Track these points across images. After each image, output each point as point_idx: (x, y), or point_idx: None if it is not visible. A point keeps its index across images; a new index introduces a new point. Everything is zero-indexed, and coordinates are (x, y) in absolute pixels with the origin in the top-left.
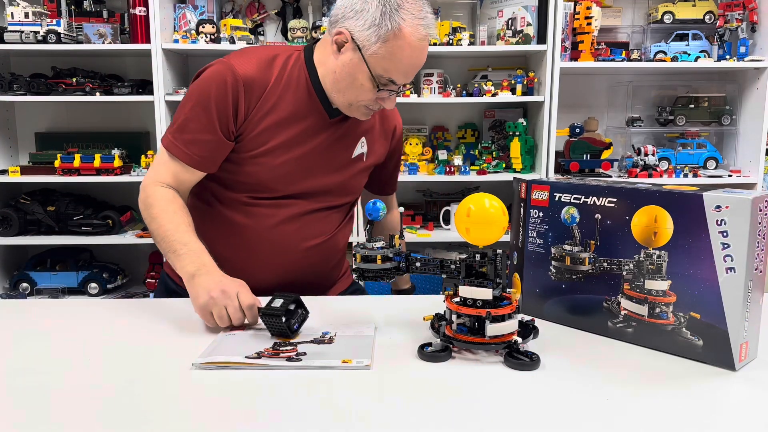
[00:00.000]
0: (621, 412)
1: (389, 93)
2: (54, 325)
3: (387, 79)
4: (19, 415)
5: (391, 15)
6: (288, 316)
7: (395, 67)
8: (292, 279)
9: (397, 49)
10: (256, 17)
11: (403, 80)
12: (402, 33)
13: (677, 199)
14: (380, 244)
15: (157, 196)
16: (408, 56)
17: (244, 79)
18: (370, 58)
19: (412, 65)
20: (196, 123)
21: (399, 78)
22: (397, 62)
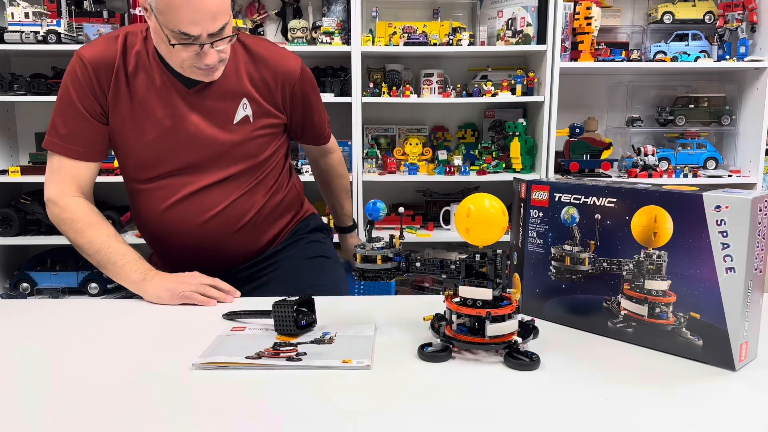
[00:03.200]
0: (621, 412)
1: (193, 46)
2: (54, 325)
3: (180, 33)
4: (19, 415)
5: None
6: (298, 312)
7: (176, 17)
8: (201, 255)
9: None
10: (256, 17)
11: (197, 29)
12: None
13: (677, 199)
14: (380, 244)
15: (75, 210)
16: (183, 4)
17: (91, 61)
18: (159, 18)
19: (190, 11)
20: (64, 117)
21: (189, 27)
22: (174, 12)
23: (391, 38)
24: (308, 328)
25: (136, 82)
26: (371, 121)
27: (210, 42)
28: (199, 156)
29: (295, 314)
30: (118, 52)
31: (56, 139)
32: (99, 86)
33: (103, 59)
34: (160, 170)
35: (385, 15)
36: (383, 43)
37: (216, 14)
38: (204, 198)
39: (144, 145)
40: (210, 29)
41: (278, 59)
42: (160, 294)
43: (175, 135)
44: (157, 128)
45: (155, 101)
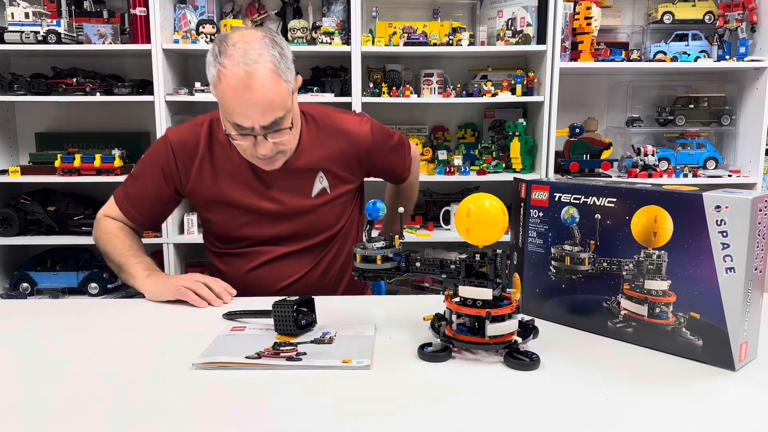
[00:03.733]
0: (621, 412)
1: (248, 137)
2: (54, 325)
3: (233, 123)
4: (19, 415)
5: (213, 63)
6: (298, 311)
7: (228, 110)
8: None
9: (221, 94)
10: (256, 17)
11: (248, 122)
12: (222, 75)
13: (677, 199)
14: (380, 244)
15: (109, 226)
16: (231, 97)
17: (174, 144)
18: (220, 108)
19: (239, 105)
20: (134, 181)
21: (240, 120)
22: (226, 105)
23: (391, 38)
24: (308, 328)
25: (219, 163)
26: None
27: (263, 134)
28: (280, 229)
29: (295, 314)
30: (203, 137)
31: (122, 193)
32: (177, 168)
33: (186, 143)
34: (241, 243)
35: (385, 15)
36: (383, 43)
37: (266, 109)
38: (282, 266)
39: (226, 221)
40: (261, 122)
41: (348, 126)
42: (158, 288)
43: (256, 212)
44: (239, 207)
45: (237, 181)
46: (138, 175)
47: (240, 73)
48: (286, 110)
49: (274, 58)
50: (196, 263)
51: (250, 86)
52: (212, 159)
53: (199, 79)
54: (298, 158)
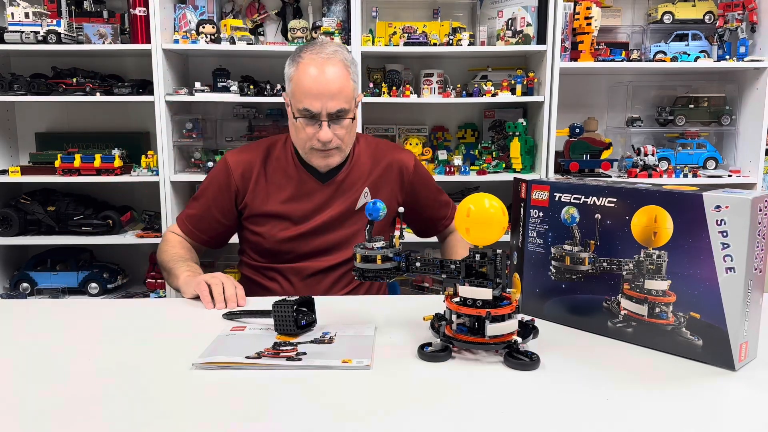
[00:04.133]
0: (621, 412)
1: (314, 122)
2: (54, 325)
3: (302, 108)
4: (19, 415)
5: (294, 58)
6: (298, 311)
7: (301, 93)
8: None
9: (297, 78)
10: (256, 17)
11: (316, 104)
12: (299, 64)
13: (677, 199)
14: (380, 244)
15: (170, 238)
16: (307, 78)
17: (233, 165)
18: (291, 99)
19: (314, 86)
20: (197, 202)
21: (309, 103)
22: (300, 89)
23: (391, 38)
24: (308, 328)
25: (275, 181)
26: (371, 121)
27: (327, 120)
28: (325, 241)
29: (295, 314)
30: (260, 158)
31: (184, 214)
32: (237, 186)
33: (245, 164)
34: (283, 257)
35: (385, 15)
36: (383, 43)
37: (335, 95)
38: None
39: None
40: (329, 108)
41: (396, 153)
42: (188, 283)
43: (308, 224)
44: (289, 217)
45: (292, 195)
46: (199, 195)
47: (317, 60)
48: (350, 106)
49: (347, 59)
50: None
51: (325, 73)
52: (267, 174)
53: (199, 79)
54: (348, 172)
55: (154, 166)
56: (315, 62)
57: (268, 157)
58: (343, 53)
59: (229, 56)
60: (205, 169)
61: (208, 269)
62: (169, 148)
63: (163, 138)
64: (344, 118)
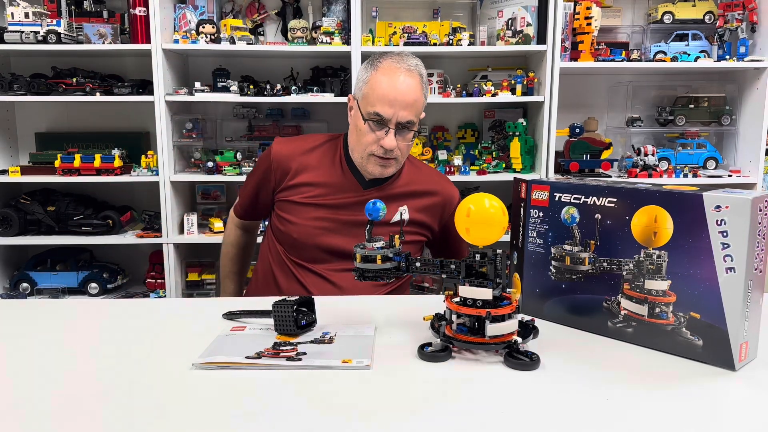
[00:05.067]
0: (621, 412)
1: (381, 128)
2: (54, 325)
3: (373, 113)
4: (19, 415)
5: (372, 64)
6: (298, 311)
7: (375, 98)
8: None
9: (375, 82)
10: (256, 17)
11: (388, 111)
12: (378, 69)
13: (677, 199)
14: (380, 244)
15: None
16: (384, 84)
17: (276, 155)
18: (360, 102)
19: (390, 92)
20: (244, 190)
21: (382, 108)
22: (376, 93)
23: (391, 38)
24: (308, 328)
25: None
26: None
27: (395, 128)
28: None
29: (295, 314)
30: (305, 150)
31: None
32: (276, 174)
33: (288, 155)
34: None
35: (385, 15)
36: (383, 43)
37: (409, 105)
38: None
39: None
40: (400, 117)
41: (444, 184)
42: None
43: (336, 222)
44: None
45: (329, 192)
46: (247, 180)
47: (399, 69)
48: (418, 119)
49: (423, 75)
50: (195, 263)
51: (405, 81)
52: (309, 164)
53: (199, 79)
54: (393, 185)
55: (154, 166)
56: (396, 71)
57: (316, 149)
58: (422, 69)
59: (229, 56)
60: (204, 168)
61: (207, 269)
62: (169, 148)
63: (163, 138)
64: (410, 131)
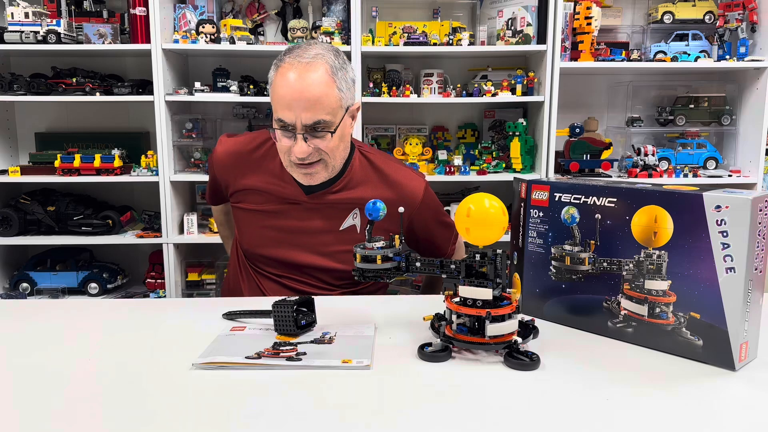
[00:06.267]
0: (621, 412)
1: (289, 135)
2: (54, 325)
3: (277, 119)
4: (19, 415)
5: (275, 64)
6: (298, 311)
7: (276, 102)
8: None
9: (274, 85)
10: (256, 17)
11: (289, 115)
12: (278, 70)
13: (677, 199)
14: (380, 244)
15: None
16: (281, 87)
17: (218, 163)
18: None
19: (287, 94)
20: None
21: (283, 113)
22: (275, 97)
23: (391, 38)
24: (308, 328)
25: (257, 174)
26: (371, 121)
27: (303, 133)
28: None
29: (295, 314)
30: (247, 151)
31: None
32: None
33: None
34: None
35: (385, 15)
36: (383, 43)
37: (312, 105)
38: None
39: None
40: (304, 120)
41: (404, 180)
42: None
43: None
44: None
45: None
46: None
47: (296, 65)
48: (332, 116)
49: (333, 63)
50: (195, 263)
51: (303, 79)
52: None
53: (198, 79)
54: (339, 189)
55: (154, 166)
56: (294, 67)
57: (258, 150)
58: (329, 57)
59: (228, 56)
60: (204, 168)
61: (207, 269)
62: (168, 148)
63: (162, 138)
64: (325, 132)
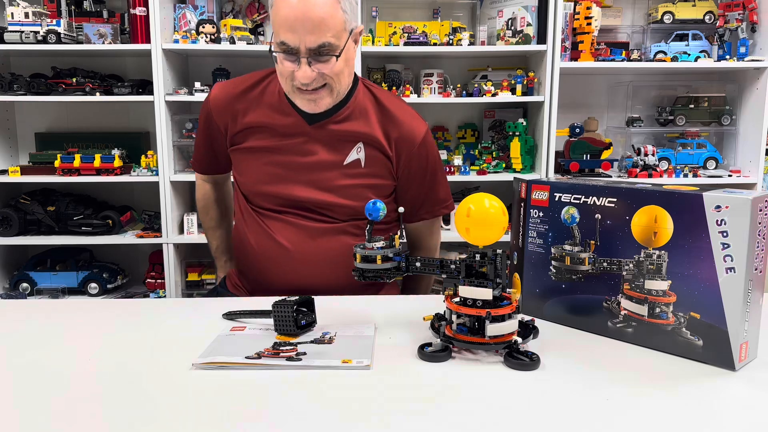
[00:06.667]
0: (621, 412)
1: (292, 59)
2: (54, 325)
3: (279, 41)
4: (19, 416)
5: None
6: (298, 311)
7: (278, 24)
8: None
9: (277, 7)
10: (256, 17)
11: (292, 38)
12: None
13: (677, 199)
14: (380, 244)
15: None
16: (284, 7)
17: (213, 100)
18: (273, 30)
19: (291, 17)
20: (196, 141)
21: (286, 36)
22: (278, 18)
23: (391, 38)
24: (308, 328)
25: (256, 111)
26: None
27: (307, 57)
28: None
29: (295, 314)
30: (242, 89)
31: (193, 158)
32: (218, 119)
33: (225, 98)
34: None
35: (385, 15)
36: (383, 43)
37: (316, 27)
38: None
39: (259, 167)
40: (308, 43)
41: (406, 118)
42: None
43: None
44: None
45: (272, 130)
46: (197, 134)
47: None
48: (337, 39)
49: None
50: (195, 263)
51: (307, 0)
52: (249, 108)
53: (198, 79)
54: (343, 120)
55: (154, 166)
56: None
57: (256, 87)
58: None
59: (229, 56)
60: None
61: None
62: (169, 148)
63: (162, 138)
64: (330, 55)
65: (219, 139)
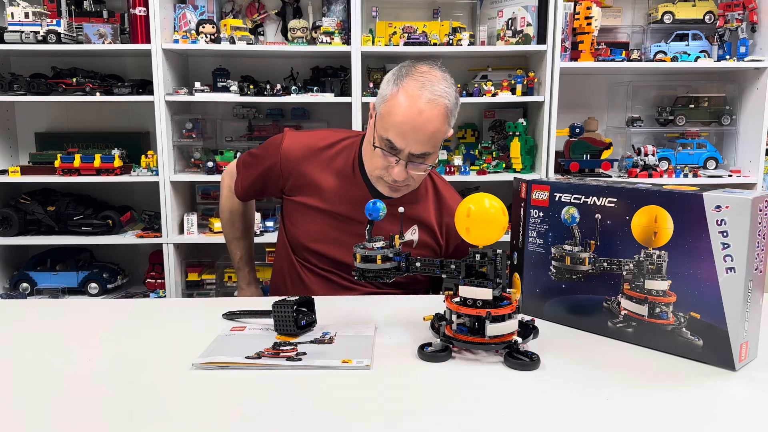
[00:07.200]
0: (621, 412)
1: (392, 157)
2: (54, 325)
3: (386, 139)
4: (19, 415)
5: (396, 80)
6: (298, 311)
7: (390, 124)
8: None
9: (392, 107)
10: (256, 17)
11: (400, 142)
12: (399, 92)
13: (677, 199)
14: (380, 244)
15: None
16: (401, 113)
17: (286, 150)
18: (378, 119)
19: (406, 124)
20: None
21: (395, 138)
22: (391, 119)
23: (391, 38)
24: (308, 328)
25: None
26: None
27: (406, 161)
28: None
29: (295, 314)
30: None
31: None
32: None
33: (295, 153)
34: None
35: (385, 15)
36: (383, 43)
37: (425, 140)
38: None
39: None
40: (413, 149)
41: (449, 199)
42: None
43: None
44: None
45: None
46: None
47: (421, 97)
48: (436, 149)
49: (452, 103)
50: (195, 263)
51: (424, 113)
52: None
53: (198, 79)
54: (407, 201)
55: (154, 166)
56: (416, 99)
57: (329, 149)
58: (450, 95)
59: (229, 56)
60: (204, 168)
61: (207, 269)
62: (169, 148)
63: (162, 138)
64: (425, 162)
65: (277, 183)
